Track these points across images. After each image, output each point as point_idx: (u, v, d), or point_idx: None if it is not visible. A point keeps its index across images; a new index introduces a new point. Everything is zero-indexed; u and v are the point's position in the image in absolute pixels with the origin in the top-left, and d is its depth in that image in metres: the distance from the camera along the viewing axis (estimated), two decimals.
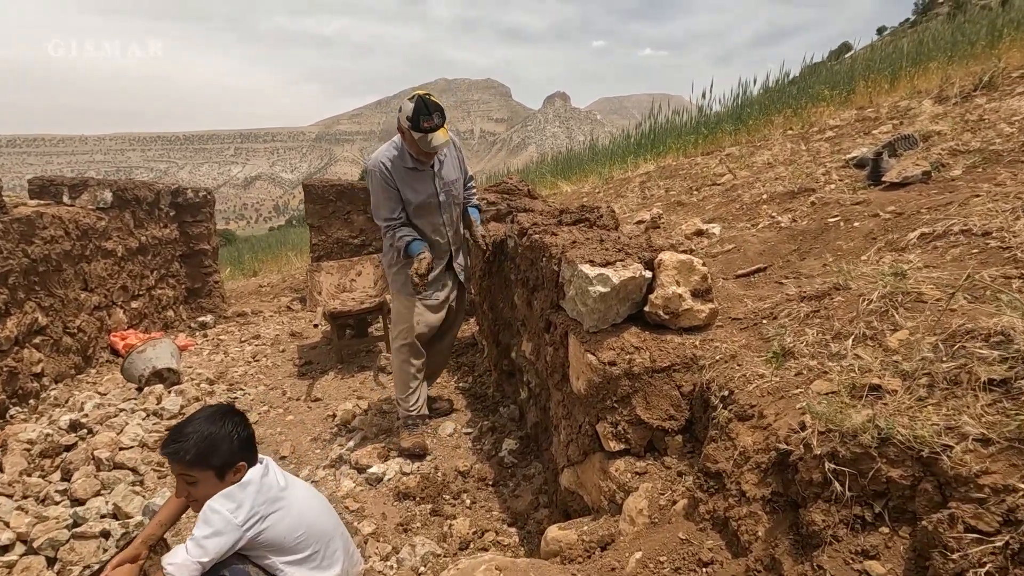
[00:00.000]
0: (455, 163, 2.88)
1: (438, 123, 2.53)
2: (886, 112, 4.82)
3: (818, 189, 3.04)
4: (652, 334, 1.85)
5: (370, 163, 2.72)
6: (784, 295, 1.99)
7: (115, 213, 4.89)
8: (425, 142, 2.53)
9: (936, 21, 14.61)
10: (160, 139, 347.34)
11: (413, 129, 2.52)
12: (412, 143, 2.59)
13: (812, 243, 2.42)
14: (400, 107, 2.59)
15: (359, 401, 3.62)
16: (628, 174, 6.49)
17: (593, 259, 1.89)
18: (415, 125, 2.51)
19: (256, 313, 6.49)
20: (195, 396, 3.57)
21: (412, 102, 2.54)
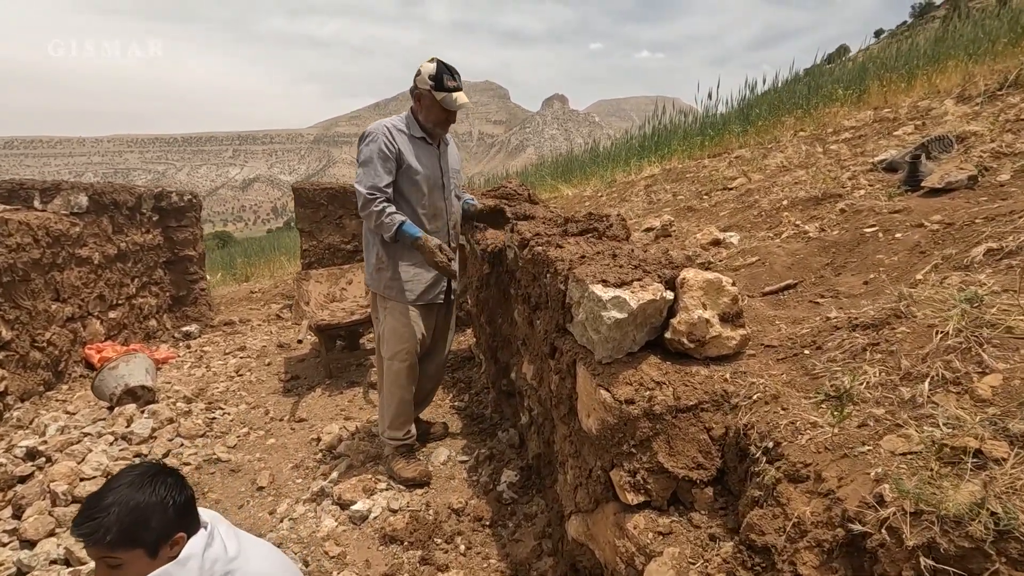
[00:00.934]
0: (455, 155, 2.73)
1: (460, 86, 2.42)
2: (905, 112, 4.57)
3: (845, 195, 2.78)
4: (674, 365, 1.60)
5: (372, 126, 2.47)
6: (824, 318, 1.73)
7: (91, 218, 4.62)
8: (451, 101, 2.38)
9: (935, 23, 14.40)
10: (158, 140, 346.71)
11: (436, 89, 2.36)
12: (432, 107, 2.41)
13: (847, 256, 2.16)
14: (418, 71, 2.41)
15: (346, 422, 3.35)
16: (632, 177, 6.24)
17: (606, 278, 1.63)
18: (439, 84, 2.35)
19: (244, 322, 6.22)
20: (168, 417, 3.31)
21: (432, 63, 2.38)
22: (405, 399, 2.61)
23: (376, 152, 2.39)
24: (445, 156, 2.61)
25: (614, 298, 1.54)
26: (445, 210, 2.61)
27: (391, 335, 2.56)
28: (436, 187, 2.55)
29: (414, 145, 2.48)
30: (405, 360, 2.56)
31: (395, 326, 2.55)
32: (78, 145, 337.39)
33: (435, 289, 2.62)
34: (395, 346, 2.56)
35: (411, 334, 2.55)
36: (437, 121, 2.45)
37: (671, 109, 8.51)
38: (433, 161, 2.53)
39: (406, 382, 2.59)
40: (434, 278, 2.57)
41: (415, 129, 2.49)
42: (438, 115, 2.43)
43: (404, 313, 2.55)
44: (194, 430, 3.26)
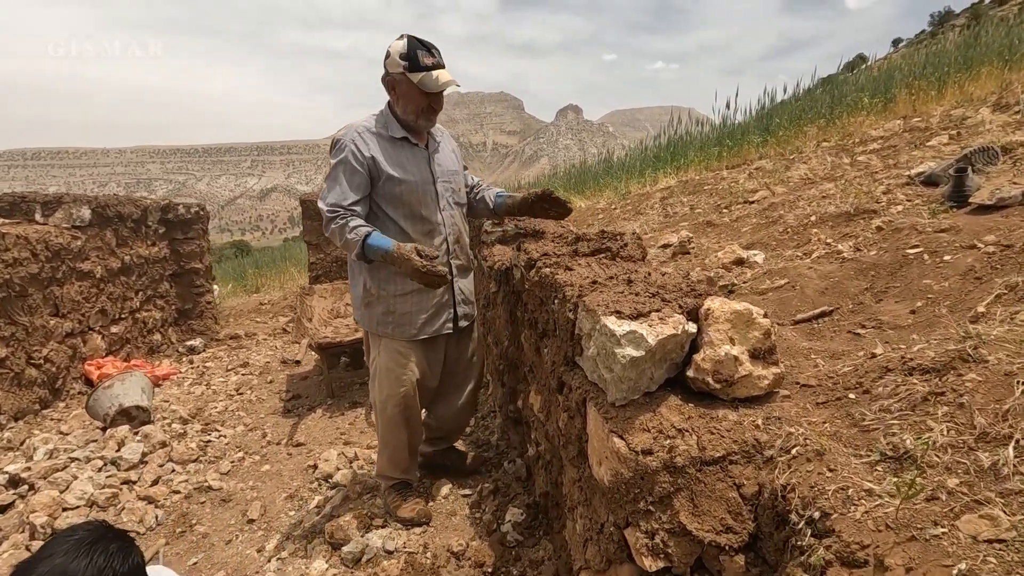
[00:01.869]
0: (452, 154, 2.28)
1: (440, 62, 1.98)
2: (937, 121, 4.34)
3: (880, 211, 2.57)
4: (698, 408, 1.40)
5: (340, 132, 2.07)
6: (869, 354, 1.53)
7: (94, 231, 4.54)
8: (431, 81, 1.94)
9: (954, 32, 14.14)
10: (179, 151, 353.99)
11: (411, 70, 1.93)
12: (410, 94, 1.98)
13: (888, 280, 1.95)
14: (386, 52, 1.98)
15: (345, 448, 3.18)
16: (647, 189, 6.05)
17: (620, 309, 1.44)
18: (413, 63, 1.93)
19: (250, 336, 6.11)
20: (161, 440, 3.17)
21: (402, 40, 1.96)
22: (401, 445, 2.31)
23: (343, 165, 2.00)
24: (437, 156, 2.18)
25: (629, 333, 1.35)
26: (442, 224, 2.17)
27: (384, 376, 2.20)
28: (426, 197, 2.11)
29: (394, 148, 2.06)
30: (398, 406, 2.21)
31: (388, 366, 2.18)
32: (102, 156, 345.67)
33: (439, 318, 2.21)
34: (387, 389, 2.19)
35: (407, 378, 2.17)
36: (418, 111, 2.01)
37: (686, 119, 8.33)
38: (420, 165, 2.11)
39: (402, 429, 2.26)
40: (436, 305, 2.19)
41: (393, 128, 2.07)
42: (418, 101, 1.99)
43: (400, 352, 2.17)
44: (187, 455, 3.12)
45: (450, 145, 2.32)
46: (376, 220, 2.10)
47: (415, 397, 2.24)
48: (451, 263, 2.24)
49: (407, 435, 2.30)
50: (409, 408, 2.24)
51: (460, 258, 2.30)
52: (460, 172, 2.32)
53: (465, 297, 2.33)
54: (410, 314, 2.15)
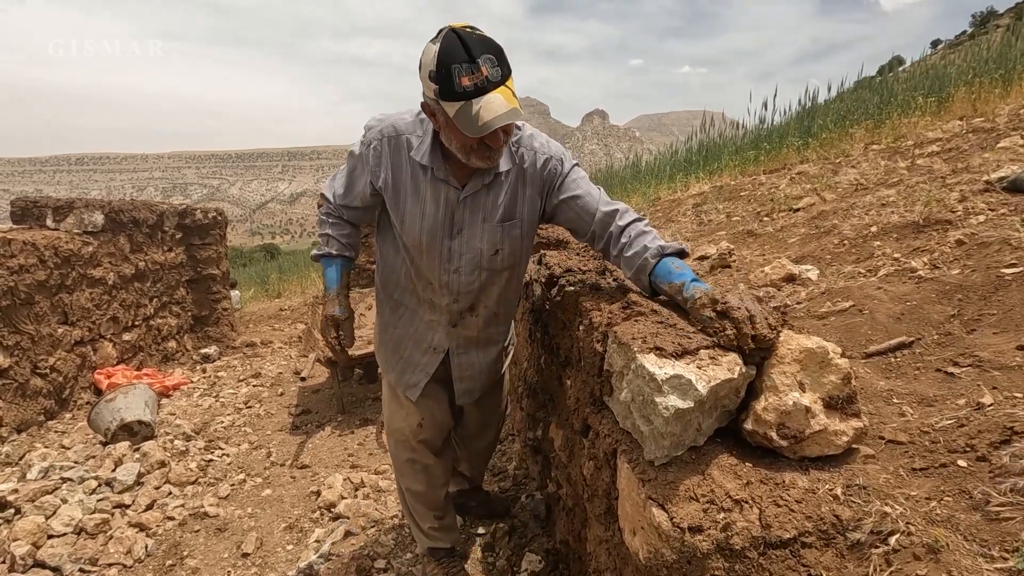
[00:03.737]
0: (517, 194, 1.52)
1: (493, 77, 1.22)
2: (1005, 121, 3.93)
3: (957, 221, 2.23)
4: (757, 468, 1.12)
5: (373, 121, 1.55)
6: (974, 403, 1.22)
7: (107, 237, 4.44)
8: (469, 119, 1.23)
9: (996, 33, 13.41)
10: (213, 157, 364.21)
11: (443, 96, 1.23)
12: (451, 128, 1.31)
13: (981, 306, 1.63)
14: (419, 64, 1.29)
15: (352, 472, 2.96)
16: (678, 195, 5.73)
17: (661, 344, 1.17)
18: (445, 87, 1.22)
19: (265, 344, 5.98)
20: (159, 460, 2.99)
21: (435, 43, 1.24)
22: (415, 492, 1.92)
23: (354, 161, 1.58)
24: (478, 200, 1.49)
25: (674, 378, 1.08)
26: (446, 289, 1.58)
27: (385, 407, 1.89)
28: (430, 254, 1.53)
29: (412, 177, 1.48)
30: (402, 442, 1.85)
31: (386, 399, 1.87)
32: (141, 161, 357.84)
33: (415, 373, 1.72)
34: (390, 422, 1.88)
35: (401, 417, 1.81)
36: (466, 150, 1.34)
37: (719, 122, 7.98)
38: (438, 210, 1.49)
39: (408, 474, 1.89)
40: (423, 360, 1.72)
41: (424, 150, 1.46)
42: (462, 139, 1.32)
43: (392, 392, 1.82)
44: (185, 476, 2.93)
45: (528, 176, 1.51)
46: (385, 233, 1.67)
47: (416, 439, 1.82)
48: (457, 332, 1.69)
49: (421, 486, 1.90)
50: (413, 451, 1.85)
51: (471, 328, 1.70)
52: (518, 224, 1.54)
53: (474, 372, 1.79)
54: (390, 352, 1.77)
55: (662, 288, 1.38)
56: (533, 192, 1.53)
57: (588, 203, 1.51)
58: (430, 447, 1.84)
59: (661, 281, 1.37)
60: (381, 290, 1.75)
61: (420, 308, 1.68)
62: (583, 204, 1.51)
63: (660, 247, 1.39)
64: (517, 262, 1.63)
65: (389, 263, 1.68)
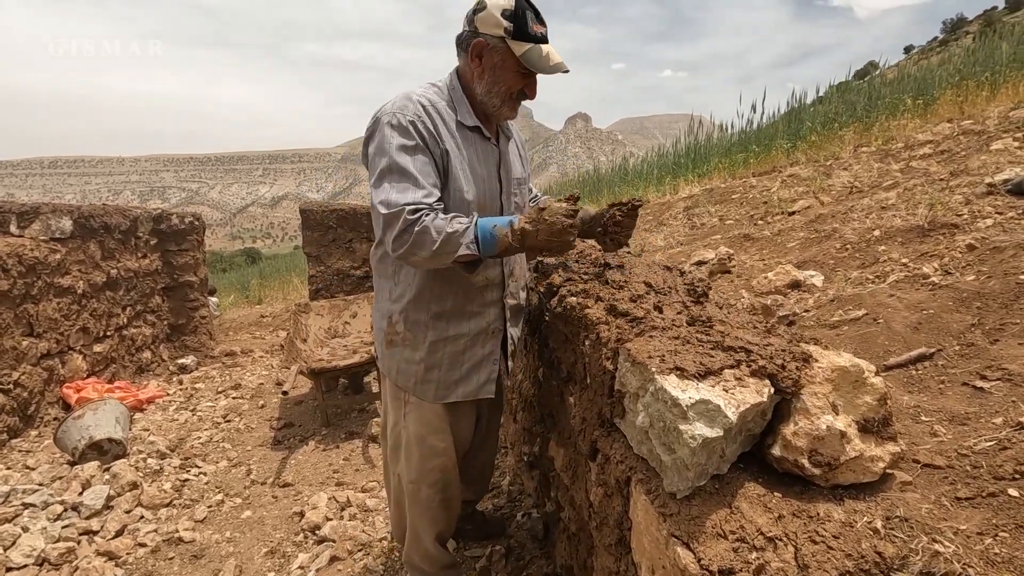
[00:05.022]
0: (519, 154, 1.71)
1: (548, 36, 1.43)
2: (995, 124, 3.93)
3: (964, 225, 2.18)
4: (787, 499, 1.02)
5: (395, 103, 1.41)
6: (1014, 423, 1.14)
7: (76, 244, 4.23)
8: (540, 59, 1.37)
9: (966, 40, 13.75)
10: (193, 160, 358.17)
11: (516, 36, 1.36)
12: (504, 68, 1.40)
13: (1003, 314, 1.56)
14: (479, 4, 1.39)
15: (337, 491, 2.82)
16: (668, 197, 5.67)
17: (682, 364, 1.06)
18: (520, 28, 1.35)
19: (246, 353, 5.78)
20: (131, 481, 2.81)
21: None
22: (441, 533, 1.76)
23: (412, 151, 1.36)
24: (507, 158, 1.59)
25: (700, 403, 0.97)
26: None
27: (417, 446, 1.61)
28: (493, 210, 1.53)
29: (464, 140, 1.46)
30: (436, 486, 1.64)
31: (422, 435, 1.60)
32: (117, 164, 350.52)
33: (479, 374, 1.59)
34: (424, 463, 1.62)
35: (445, 446, 1.62)
36: (508, 94, 1.43)
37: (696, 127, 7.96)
38: (491, 170, 1.53)
39: (441, 515, 1.70)
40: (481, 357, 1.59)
41: (466, 112, 1.46)
42: (511, 83, 1.41)
43: (440, 415, 1.60)
44: (159, 498, 2.76)
45: (519, 141, 1.74)
46: None
47: (455, 471, 1.69)
48: (505, 304, 1.63)
49: (446, 522, 1.76)
50: (449, 486, 1.69)
51: (516, 297, 1.69)
52: (526, 180, 1.73)
53: (515, 343, 1.75)
54: (447, 368, 1.57)
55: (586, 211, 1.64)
56: (526, 156, 1.76)
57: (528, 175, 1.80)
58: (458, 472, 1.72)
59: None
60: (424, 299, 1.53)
61: (469, 301, 1.55)
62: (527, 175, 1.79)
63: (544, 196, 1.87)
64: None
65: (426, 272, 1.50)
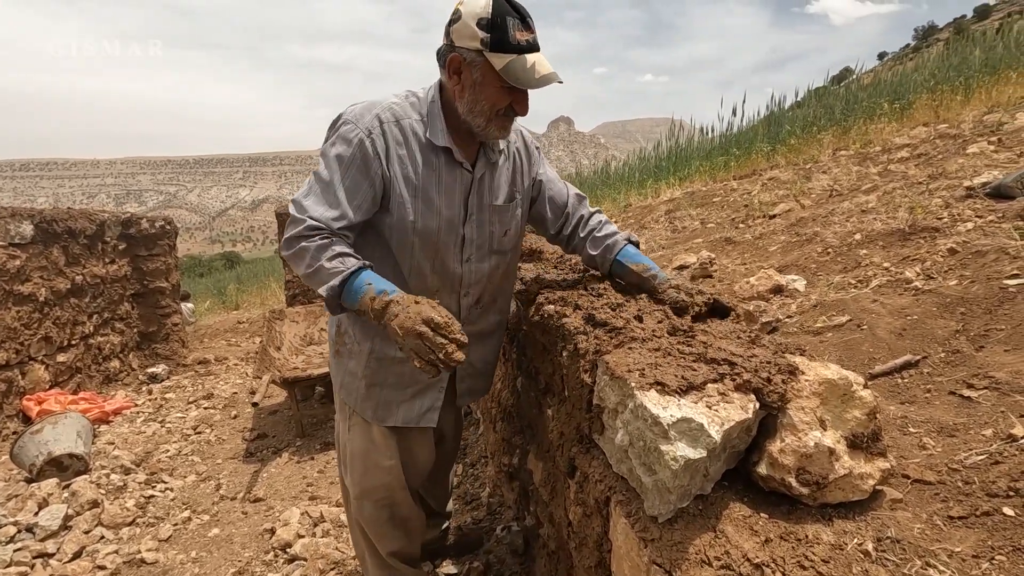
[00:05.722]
0: (510, 177, 1.47)
1: (537, 41, 1.23)
2: (970, 128, 3.97)
3: (944, 228, 2.16)
4: (774, 520, 0.96)
5: (355, 109, 1.30)
6: (1004, 435, 1.10)
7: (37, 249, 4.06)
8: (524, 71, 1.19)
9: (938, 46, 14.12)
10: (170, 162, 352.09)
11: (494, 47, 1.18)
12: (485, 85, 1.23)
13: (987, 320, 1.53)
14: (454, 13, 1.22)
15: (310, 506, 2.71)
16: (650, 201, 5.66)
17: (663, 379, 1.00)
18: (500, 37, 1.17)
19: (220, 361, 5.62)
20: (91, 499, 2.67)
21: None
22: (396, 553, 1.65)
23: (347, 162, 1.26)
24: (486, 182, 1.40)
25: (682, 421, 0.91)
26: (460, 280, 1.44)
27: (360, 461, 1.53)
28: (447, 245, 1.38)
29: (426, 166, 1.31)
30: (381, 502, 1.55)
31: (366, 451, 1.52)
32: (92, 167, 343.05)
33: (427, 397, 1.50)
34: (366, 479, 1.54)
35: (393, 465, 1.52)
36: (492, 113, 1.25)
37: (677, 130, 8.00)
38: (454, 197, 1.35)
39: (394, 532, 1.61)
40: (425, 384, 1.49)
41: (437, 131, 1.30)
42: (495, 99, 1.23)
43: (385, 436, 1.50)
44: (121, 516, 2.63)
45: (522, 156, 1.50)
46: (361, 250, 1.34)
47: (404, 491, 1.57)
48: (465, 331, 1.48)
49: (404, 540, 1.64)
50: (398, 506, 1.58)
51: (480, 322, 1.56)
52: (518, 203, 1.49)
53: (475, 369, 1.63)
54: (390, 388, 1.47)
55: (627, 267, 1.47)
56: (524, 171, 1.52)
57: (561, 188, 1.59)
58: (412, 492, 1.61)
59: (628, 261, 1.47)
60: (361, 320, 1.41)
61: None
62: (558, 189, 1.58)
63: (628, 234, 1.55)
64: (519, 241, 1.60)
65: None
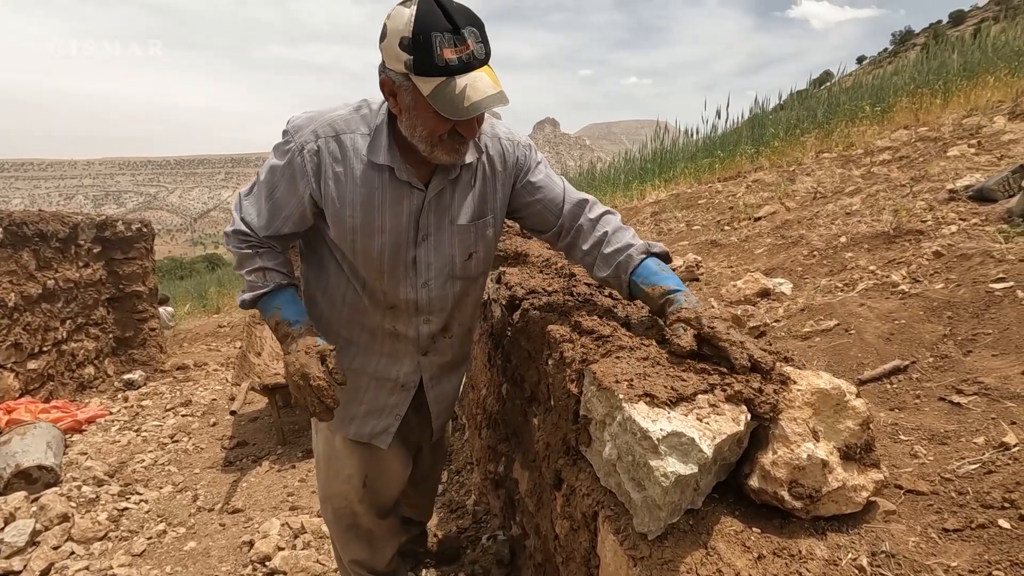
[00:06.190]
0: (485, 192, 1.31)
1: (479, 54, 1.04)
2: (950, 131, 4.01)
3: (929, 231, 2.16)
4: (766, 534, 0.94)
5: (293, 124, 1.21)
6: (996, 443, 1.09)
7: (6, 253, 3.93)
8: (451, 99, 1.02)
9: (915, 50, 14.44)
10: (150, 163, 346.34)
11: (418, 70, 1.02)
12: (419, 110, 1.08)
13: (974, 324, 1.52)
14: (383, 30, 1.07)
15: (291, 516, 2.64)
16: (635, 203, 5.65)
17: (652, 390, 0.97)
18: (423, 58, 1.01)
19: (199, 366, 5.50)
20: (61, 513, 2.58)
21: (409, 7, 1.02)
22: (360, 562, 1.65)
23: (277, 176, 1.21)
24: (443, 202, 1.27)
25: (672, 436, 0.87)
26: (415, 306, 1.33)
27: (324, 464, 1.53)
28: (394, 267, 1.27)
29: (365, 183, 1.20)
30: (339, 511, 1.55)
31: (329, 456, 1.51)
32: (69, 168, 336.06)
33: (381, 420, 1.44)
34: (328, 484, 1.54)
35: (353, 475, 1.49)
36: (431, 138, 1.12)
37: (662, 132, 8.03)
38: (399, 215, 1.23)
39: (354, 543, 1.61)
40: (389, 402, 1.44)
41: (378, 149, 1.19)
42: (432, 125, 1.09)
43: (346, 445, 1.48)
44: (92, 531, 2.54)
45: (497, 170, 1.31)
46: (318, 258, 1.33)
47: (361, 504, 1.53)
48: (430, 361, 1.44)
49: (367, 551, 1.63)
50: (356, 516, 1.56)
51: (445, 353, 1.46)
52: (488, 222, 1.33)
53: (445, 406, 1.58)
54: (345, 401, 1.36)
55: (642, 290, 1.22)
56: (502, 185, 1.33)
57: (556, 195, 1.36)
58: (377, 507, 1.56)
59: (643, 282, 1.21)
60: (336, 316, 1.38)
61: (376, 341, 1.38)
62: (551, 197, 1.35)
63: (646, 244, 1.26)
64: (490, 265, 1.43)
65: (328, 294, 1.36)
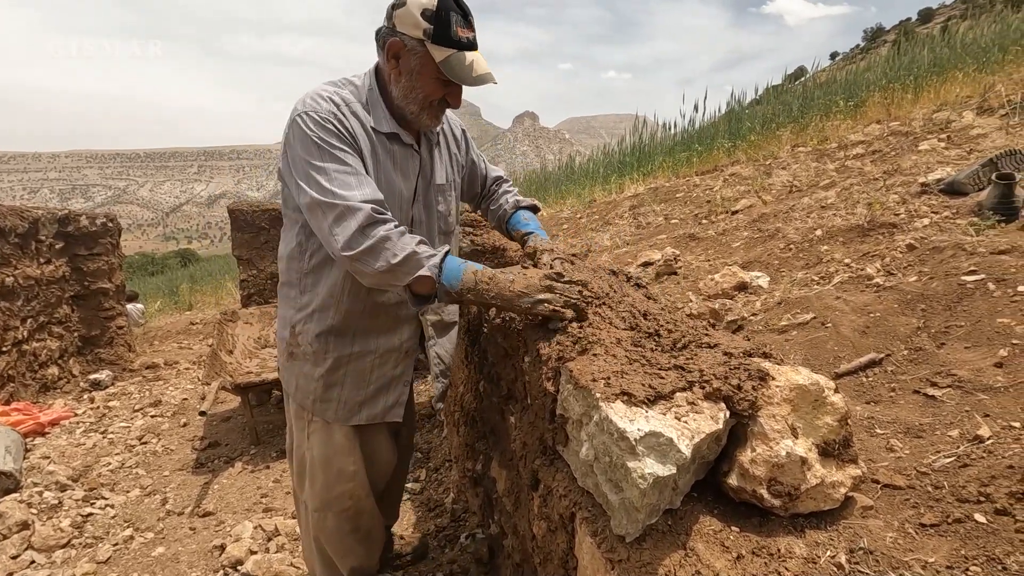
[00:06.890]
0: (449, 157, 1.51)
1: (475, 41, 1.25)
2: (920, 125, 4.08)
3: (902, 224, 2.19)
4: (744, 533, 0.92)
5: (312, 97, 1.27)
6: (970, 436, 1.09)
7: None
8: (462, 68, 1.21)
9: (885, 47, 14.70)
10: (119, 156, 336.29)
11: (436, 39, 1.19)
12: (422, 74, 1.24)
13: (947, 316, 1.54)
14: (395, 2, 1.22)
15: (264, 519, 2.57)
16: (614, 196, 5.65)
17: (630, 389, 0.94)
18: (442, 31, 1.19)
19: (170, 365, 5.35)
20: (21, 521, 2.47)
21: None
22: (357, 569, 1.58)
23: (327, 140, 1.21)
24: (430, 163, 1.43)
25: (650, 436, 0.85)
26: None
27: (322, 469, 1.45)
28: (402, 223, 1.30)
29: (379, 147, 1.31)
30: (346, 512, 1.48)
31: (328, 457, 1.45)
32: (33, 161, 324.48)
33: (391, 393, 1.45)
34: (329, 489, 1.46)
35: (358, 470, 1.46)
36: (425, 103, 1.28)
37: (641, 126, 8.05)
38: (409, 177, 1.38)
39: (356, 547, 1.54)
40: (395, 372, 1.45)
41: (380, 116, 1.31)
42: (429, 90, 1.26)
43: (348, 436, 1.44)
44: (54, 538, 2.44)
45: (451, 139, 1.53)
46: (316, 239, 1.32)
47: (369, 499, 1.51)
48: (423, 320, 1.50)
49: (365, 555, 1.57)
50: (361, 515, 1.51)
51: (441, 312, 1.55)
52: (453, 184, 1.52)
53: (444, 368, 1.60)
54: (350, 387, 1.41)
55: (512, 235, 1.62)
56: (458, 150, 1.57)
57: (482, 167, 1.68)
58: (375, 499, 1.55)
59: (511, 228, 1.61)
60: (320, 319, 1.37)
61: (380, 315, 1.41)
62: (480, 168, 1.67)
63: (516, 201, 1.64)
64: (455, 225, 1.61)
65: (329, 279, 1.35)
